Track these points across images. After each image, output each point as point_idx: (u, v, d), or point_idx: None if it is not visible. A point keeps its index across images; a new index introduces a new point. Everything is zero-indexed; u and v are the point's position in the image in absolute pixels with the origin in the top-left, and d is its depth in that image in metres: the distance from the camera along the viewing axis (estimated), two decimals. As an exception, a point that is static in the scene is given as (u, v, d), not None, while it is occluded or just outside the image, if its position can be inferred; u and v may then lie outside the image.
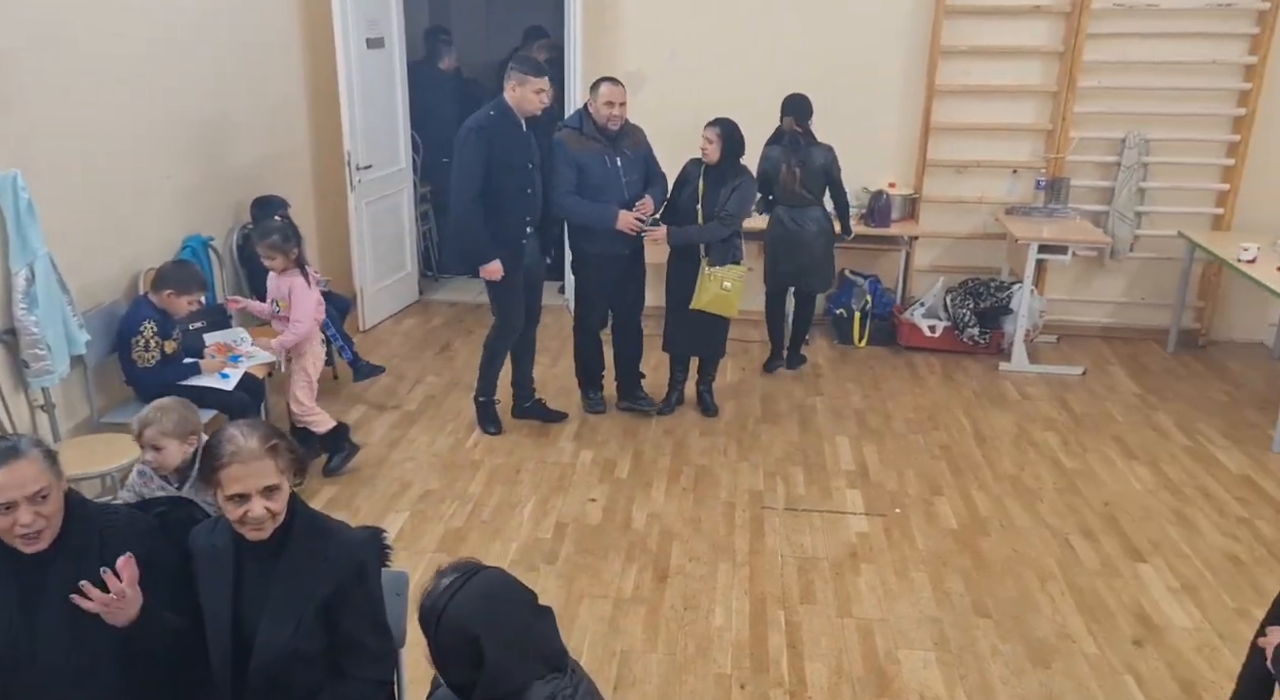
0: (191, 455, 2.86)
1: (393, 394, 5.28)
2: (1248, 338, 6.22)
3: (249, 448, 2.03)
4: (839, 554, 3.86)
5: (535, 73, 4.31)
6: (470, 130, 4.31)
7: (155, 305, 3.89)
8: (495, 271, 4.43)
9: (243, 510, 2.02)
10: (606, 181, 4.57)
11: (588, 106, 4.59)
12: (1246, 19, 5.66)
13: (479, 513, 4.12)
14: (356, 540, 2.18)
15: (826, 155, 5.28)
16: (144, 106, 4.37)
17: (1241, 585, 3.65)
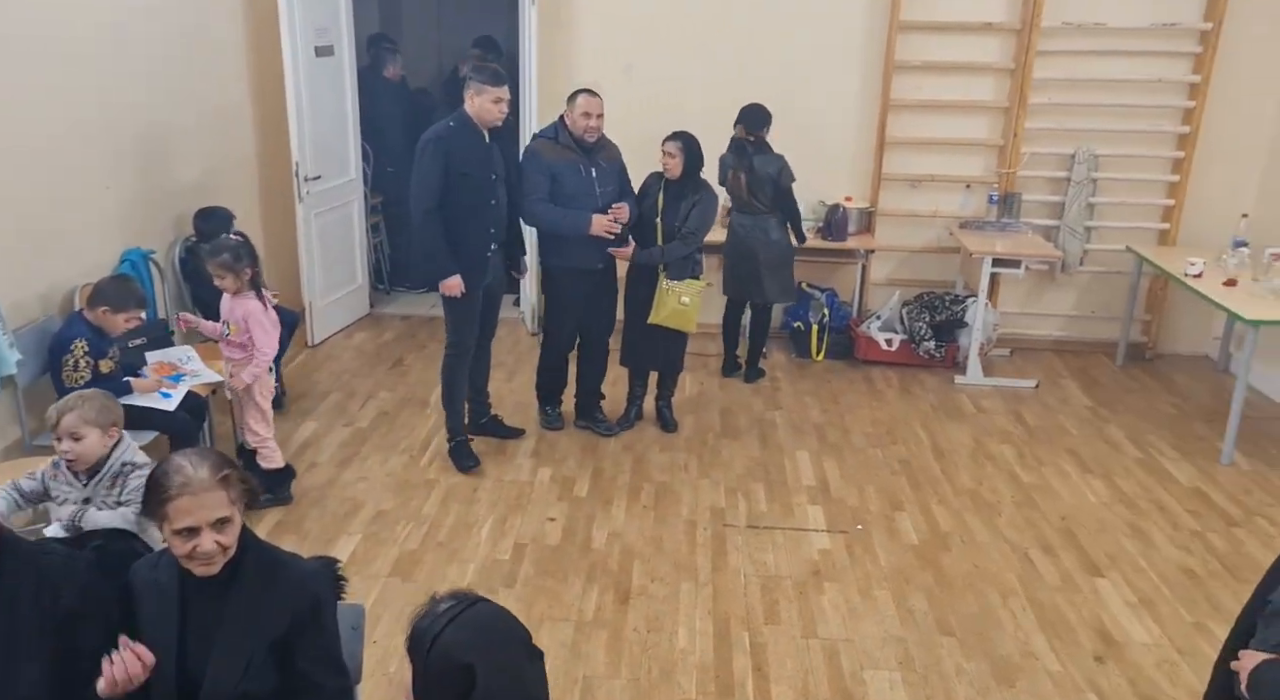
0: (109, 450, 2.77)
1: (343, 411, 5.14)
2: (1193, 350, 6.34)
3: (199, 478, 1.92)
4: (802, 572, 3.82)
5: (493, 82, 4.20)
6: (428, 141, 4.20)
7: (90, 322, 3.72)
8: (455, 286, 4.30)
9: (191, 545, 1.91)
10: (580, 191, 4.48)
11: (564, 118, 4.51)
12: (1190, 38, 5.77)
13: (434, 534, 4.01)
14: (310, 573, 2.08)
15: (776, 164, 5.27)
16: (80, 115, 4.20)
17: (1197, 599, 3.69)
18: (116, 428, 2.68)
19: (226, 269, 3.89)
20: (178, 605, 1.96)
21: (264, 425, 4.08)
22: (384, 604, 3.52)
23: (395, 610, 3.50)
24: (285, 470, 4.15)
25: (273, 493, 4.10)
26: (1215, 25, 5.63)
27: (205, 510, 1.91)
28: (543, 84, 5.94)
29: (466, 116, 4.24)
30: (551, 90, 6.04)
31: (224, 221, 4.73)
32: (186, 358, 4.15)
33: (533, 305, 6.35)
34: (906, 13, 5.83)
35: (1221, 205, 5.92)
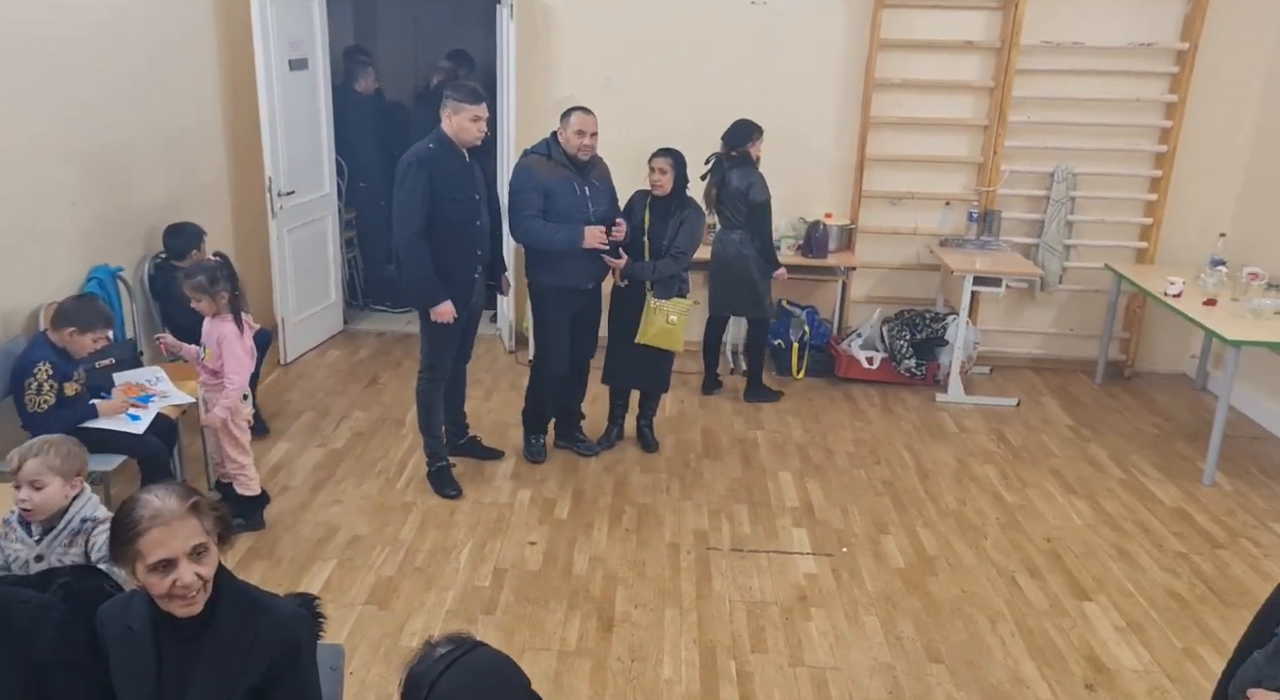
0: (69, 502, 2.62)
1: (317, 431, 5.03)
2: (1171, 369, 6.36)
3: (169, 508, 1.83)
4: (788, 597, 3.76)
5: (471, 99, 4.08)
6: (409, 164, 4.05)
7: (55, 344, 3.57)
8: (447, 313, 4.16)
9: (170, 580, 1.81)
10: (574, 209, 4.36)
11: (557, 135, 4.41)
12: (1167, 58, 5.81)
13: (412, 559, 3.91)
14: (289, 617, 1.98)
15: (746, 179, 5.22)
16: (45, 130, 4.08)
17: (1186, 624, 3.66)
18: (80, 477, 2.54)
19: (201, 291, 3.77)
20: (152, 651, 1.86)
21: (242, 452, 3.96)
22: (360, 633, 3.42)
23: (372, 640, 3.39)
24: (259, 496, 4.02)
25: (245, 518, 3.98)
26: (1192, 45, 5.66)
27: (180, 539, 1.82)
28: (521, 97, 5.88)
29: (445, 136, 4.11)
30: (530, 103, 6.00)
31: (194, 238, 4.61)
32: (155, 378, 4.03)
33: (510, 322, 6.26)
34: (887, 31, 5.82)
35: (1198, 224, 5.95)
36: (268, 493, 4.10)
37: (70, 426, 3.53)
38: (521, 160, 4.46)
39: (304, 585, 3.66)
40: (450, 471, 4.49)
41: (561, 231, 4.34)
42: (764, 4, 5.90)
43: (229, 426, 3.87)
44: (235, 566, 3.72)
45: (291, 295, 5.87)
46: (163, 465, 3.68)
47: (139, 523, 1.81)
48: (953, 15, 5.83)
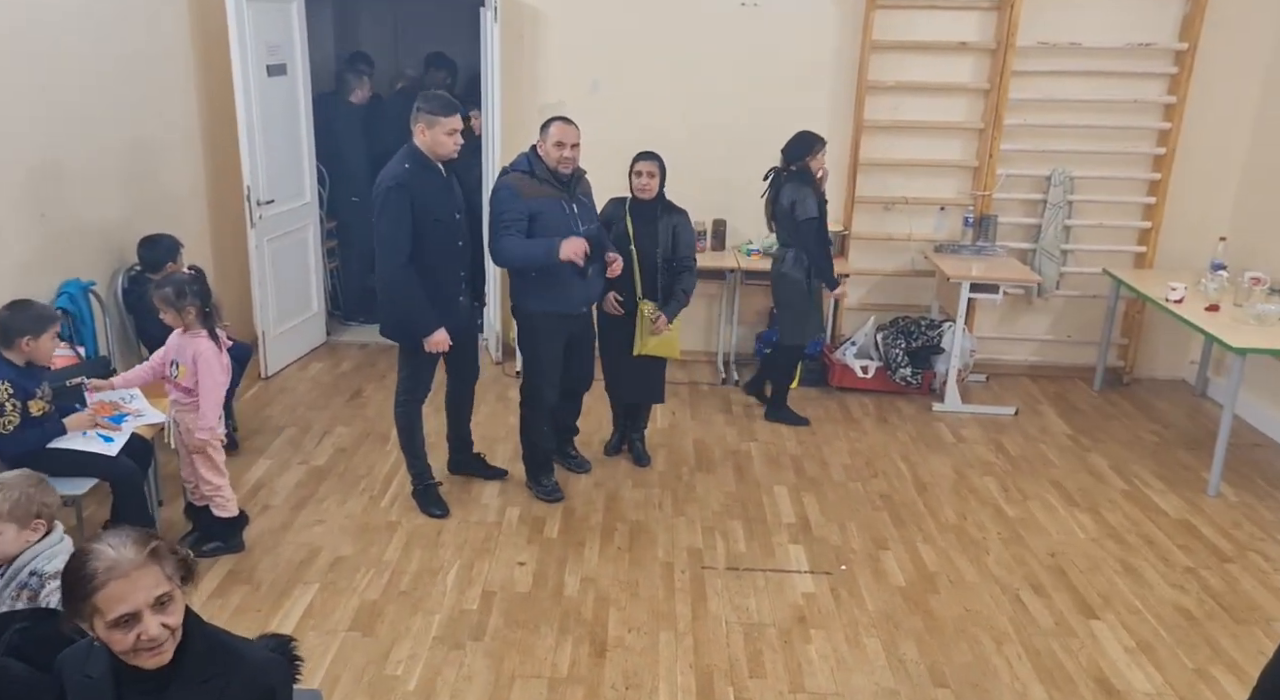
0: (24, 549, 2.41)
1: (299, 447, 4.88)
2: (1170, 375, 6.26)
3: (126, 558, 1.69)
4: (786, 618, 3.63)
5: (445, 111, 3.84)
6: (388, 189, 3.81)
7: (13, 362, 3.38)
8: (442, 342, 3.98)
9: (135, 634, 1.68)
10: (562, 230, 4.02)
11: (536, 148, 4.12)
12: (1165, 59, 5.71)
13: (397, 582, 3.77)
14: (262, 662, 1.85)
15: (791, 195, 4.99)
16: (12, 140, 3.93)
17: (1197, 643, 3.54)
18: (41, 520, 2.35)
19: (167, 304, 3.60)
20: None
21: (217, 474, 3.81)
22: (343, 662, 3.27)
23: (355, 668, 3.25)
24: (238, 517, 3.88)
25: (223, 540, 3.83)
26: (1190, 45, 5.57)
27: (141, 590, 1.69)
28: (506, 103, 5.75)
29: (419, 153, 3.87)
30: (516, 108, 5.87)
31: (169, 250, 4.45)
32: (130, 396, 3.87)
33: (497, 333, 6.13)
34: (879, 32, 5.71)
35: (1198, 228, 5.86)
36: (246, 514, 3.95)
37: (39, 446, 3.40)
38: (501, 179, 4.14)
39: (285, 610, 3.53)
40: (436, 490, 4.35)
41: (536, 245, 4.01)
42: (754, 5, 5.79)
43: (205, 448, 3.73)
44: (213, 592, 3.61)
45: (272, 307, 5.72)
46: (136, 488, 3.52)
47: (94, 577, 1.67)
48: (946, 16, 5.72)
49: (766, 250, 5.92)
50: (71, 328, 4.10)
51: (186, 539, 3.82)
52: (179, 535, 3.87)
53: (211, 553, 3.79)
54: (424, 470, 4.34)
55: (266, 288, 5.64)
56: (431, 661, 3.28)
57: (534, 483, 4.48)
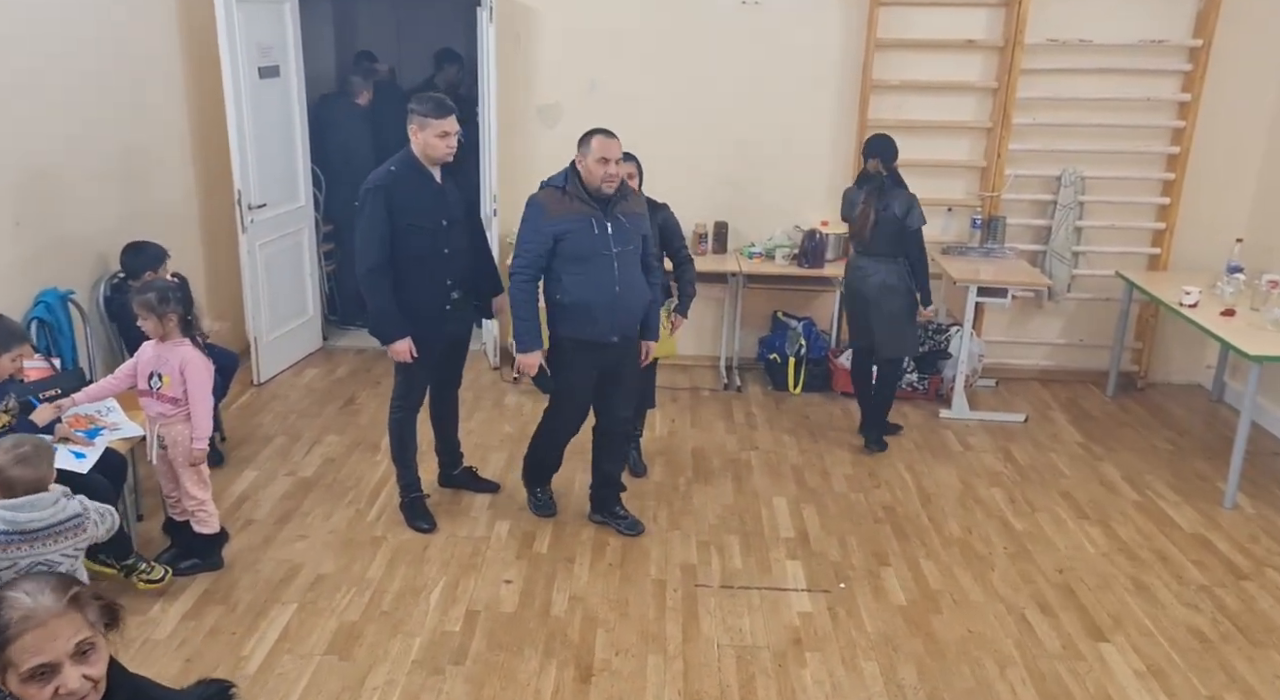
0: None
1: (286, 458, 4.78)
2: (1185, 379, 6.08)
3: (43, 606, 1.57)
4: (781, 641, 3.49)
5: (437, 113, 3.72)
6: (368, 191, 3.71)
7: None
8: (403, 352, 3.86)
9: (53, 687, 1.56)
10: (592, 252, 3.75)
11: (575, 164, 3.80)
12: (1179, 55, 5.53)
13: (378, 601, 3.65)
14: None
15: (905, 203, 4.71)
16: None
17: (1211, 667, 3.39)
18: None
19: (149, 310, 3.50)
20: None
21: (202, 488, 3.70)
22: (317, 688, 3.16)
23: (329, 695, 3.13)
24: (219, 534, 3.77)
25: (202, 558, 3.73)
26: (1205, 42, 5.39)
27: (60, 639, 1.57)
28: (503, 102, 5.63)
29: (412, 157, 3.77)
30: (512, 109, 5.75)
31: (153, 259, 4.33)
32: (106, 409, 3.77)
33: (495, 338, 6.01)
34: (884, 30, 5.56)
35: (1214, 229, 5.67)
36: (227, 530, 3.84)
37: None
38: (533, 196, 3.84)
39: (260, 633, 3.41)
40: (424, 503, 4.24)
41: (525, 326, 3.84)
42: (755, 4, 5.64)
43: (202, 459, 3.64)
44: (187, 613, 3.50)
45: (265, 312, 5.62)
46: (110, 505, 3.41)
47: (7, 627, 1.55)
48: (953, 13, 5.56)
49: (768, 253, 5.79)
50: (49, 338, 4.00)
51: (164, 555, 3.72)
52: (157, 552, 3.77)
53: (189, 570, 3.69)
54: (413, 482, 4.22)
55: (259, 293, 5.55)
56: (409, 688, 3.17)
57: (528, 491, 4.34)
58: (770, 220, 5.92)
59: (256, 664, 3.25)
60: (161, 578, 3.55)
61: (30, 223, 4.09)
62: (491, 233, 5.61)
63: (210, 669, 3.21)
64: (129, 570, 3.51)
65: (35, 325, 3.98)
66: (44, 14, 4.16)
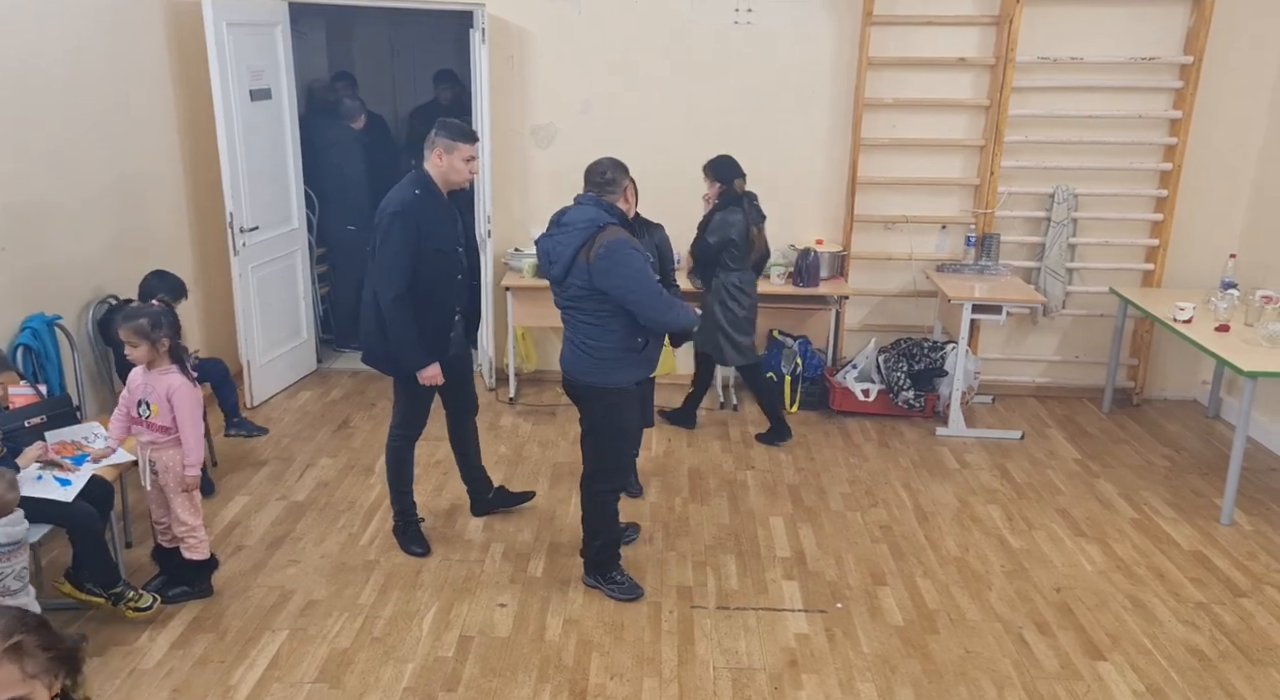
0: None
1: (279, 482, 4.74)
2: (1181, 395, 6.07)
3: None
4: (777, 663, 3.46)
5: (465, 137, 3.73)
6: (394, 215, 3.67)
7: None
8: (435, 377, 3.85)
9: None
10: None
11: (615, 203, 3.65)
12: (1170, 72, 5.55)
13: (370, 627, 3.61)
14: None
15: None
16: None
17: (1210, 686, 3.35)
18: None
19: (142, 336, 3.47)
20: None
21: (193, 514, 3.66)
22: (308, 717, 3.12)
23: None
24: (208, 560, 3.73)
25: (190, 585, 3.69)
26: (1196, 59, 5.41)
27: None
28: (496, 124, 5.63)
29: (428, 179, 3.76)
30: (506, 130, 5.75)
31: (176, 289, 4.49)
32: (94, 435, 3.75)
33: (490, 358, 5.99)
34: (876, 48, 5.58)
35: (1207, 244, 5.69)
36: (217, 557, 3.81)
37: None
38: (624, 237, 3.51)
39: (249, 661, 3.37)
40: (419, 527, 4.20)
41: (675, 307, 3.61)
42: (748, 24, 5.66)
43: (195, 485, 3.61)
44: (176, 641, 3.46)
45: (258, 335, 5.60)
46: (95, 534, 3.38)
47: None
48: (944, 32, 5.58)
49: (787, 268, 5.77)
50: (35, 364, 3.98)
51: (153, 583, 3.68)
52: (146, 579, 3.73)
53: (178, 598, 3.65)
54: (408, 507, 4.19)
55: (251, 316, 5.53)
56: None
57: (604, 581, 3.88)
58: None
59: (245, 693, 3.21)
60: (150, 606, 3.50)
61: (16, 247, 4.07)
62: (486, 255, 5.61)
63: (198, 699, 3.17)
64: (117, 599, 3.47)
65: (21, 351, 3.95)
66: (32, 38, 4.16)
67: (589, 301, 3.53)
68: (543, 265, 3.70)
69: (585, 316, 3.58)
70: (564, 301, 3.64)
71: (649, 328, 3.57)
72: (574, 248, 3.49)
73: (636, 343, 3.60)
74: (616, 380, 3.64)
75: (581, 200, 3.63)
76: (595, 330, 3.57)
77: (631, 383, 3.71)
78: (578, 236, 3.49)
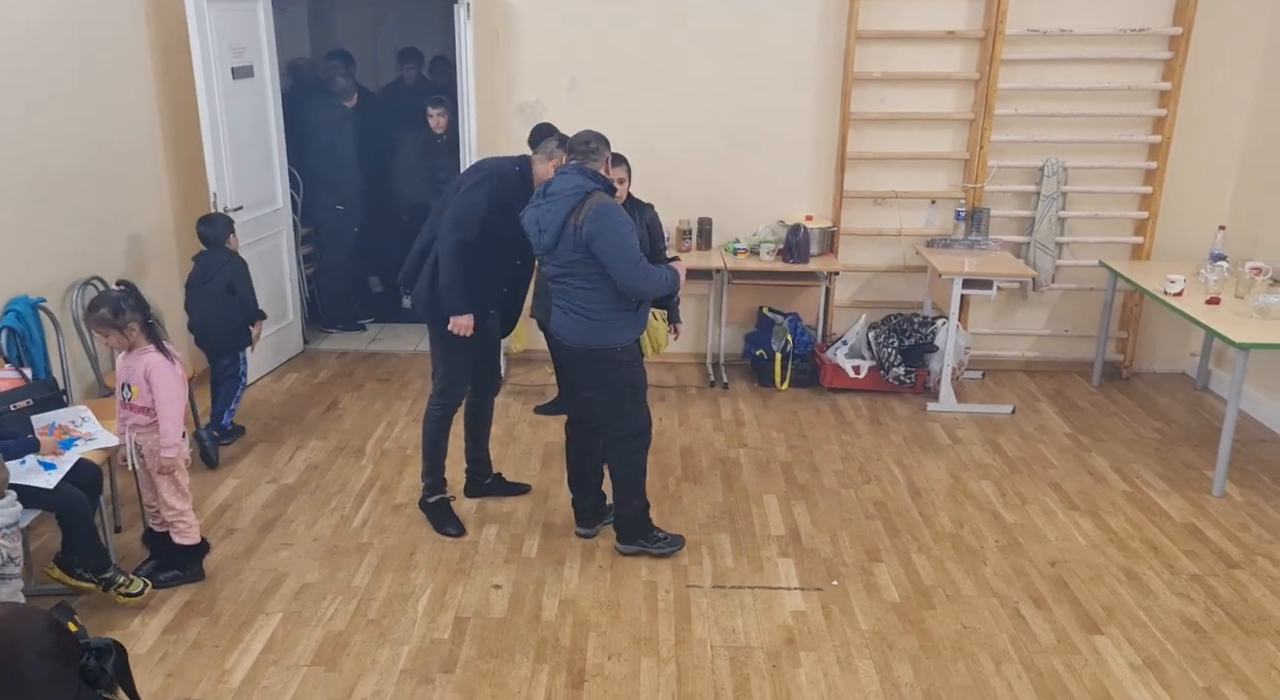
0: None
1: (269, 464, 4.70)
2: (1170, 368, 6.09)
3: None
4: (775, 640, 3.45)
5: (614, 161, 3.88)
6: (490, 175, 3.84)
7: None
8: (466, 326, 3.90)
9: None
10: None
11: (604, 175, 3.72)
12: (1159, 43, 5.53)
13: (365, 609, 3.59)
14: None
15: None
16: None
17: (1206, 658, 3.37)
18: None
19: (108, 326, 3.40)
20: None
21: (180, 498, 3.62)
22: (303, 699, 3.10)
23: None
24: (199, 546, 3.69)
25: (181, 569, 3.65)
26: (1185, 30, 5.39)
27: None
28: (482, 101, 5.56)
29: (529, 168, 3.91)
30: (492, 107, 5.68)
31: (227, 226, 4.78)
32: (80, 419, 3.69)
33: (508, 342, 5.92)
34: (865, 22, 5.52)
35: (1197, 217, 5.69)
36: (208, 541, 3.77)
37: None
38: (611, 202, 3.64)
39: (244, 645, 3.35)
40: (450, 505, 4.20)
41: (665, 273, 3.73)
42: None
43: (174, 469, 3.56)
44: (169, 626, 3.43)
45: (243, 317, 5.52)
46: (83, 518, 3.34)
47: None
48: (933, 4, 5.53)
49: (753, 248, 5.76)
50: (20, 347, 3.91)
51: (143, 568, 3.64)
52: (136, 564, 3.68)
53: (169, 582, 3.61)
54: (440, 483, 4.19)
55: (236, 298, 5.45)
56: (398, 699, 3.11)
57: (649, 542, 3.95)
58: (754, 216, 5.88)
59: (240, 677, 3.18)
60: (141, 591, 3.46)
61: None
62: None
63: (192, 684, 3.14)
64: (107, 584, 3.43)
65: (6, 334, 3.88)
66: (10, 18, 4.06)
67: (581, 266, 3.58)
68: (533, 236, 3.68)
69: (579, 282, 3.62)
70: (556, 269, 3.66)
71: (622, 290, 3.61)
72: (563, 214, 3.53)
73: (630, 302, 3.68)
74: (618, 339, 3.71)
75: (565, 170, 3.67)
76: (591, 294, 3.62)
77: (632, 340, 3.78)
78: (566, 203, 3.55)
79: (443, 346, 4.03)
